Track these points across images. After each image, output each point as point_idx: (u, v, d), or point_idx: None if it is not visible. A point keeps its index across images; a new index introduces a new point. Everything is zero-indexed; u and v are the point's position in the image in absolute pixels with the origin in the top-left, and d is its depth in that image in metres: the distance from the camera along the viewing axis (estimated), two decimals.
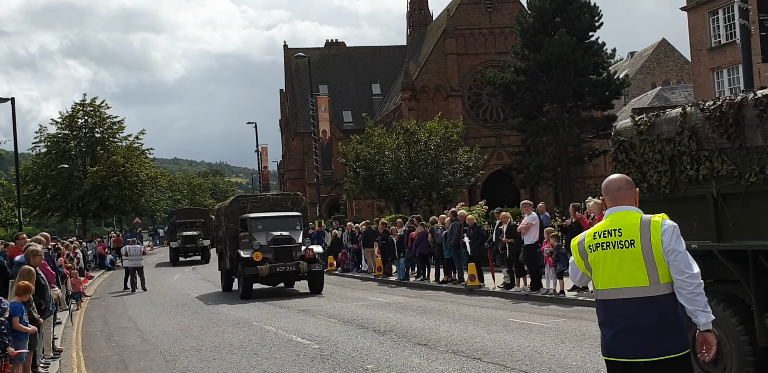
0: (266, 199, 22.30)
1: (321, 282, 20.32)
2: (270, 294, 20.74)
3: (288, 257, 19.67)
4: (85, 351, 12.63)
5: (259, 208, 21.49)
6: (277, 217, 20.87)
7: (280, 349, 11.28)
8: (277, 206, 21.78)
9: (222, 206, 23.72)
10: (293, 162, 73.03)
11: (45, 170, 53.03)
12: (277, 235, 19.81)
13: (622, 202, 4.27)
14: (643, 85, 57.08)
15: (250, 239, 19.94)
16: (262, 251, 19.43)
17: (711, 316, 4.09)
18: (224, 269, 22.60)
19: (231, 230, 21.31)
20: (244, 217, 20.94)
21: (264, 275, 19.21)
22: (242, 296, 19.49)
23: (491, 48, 57.35)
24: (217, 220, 24.26)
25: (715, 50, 32.59)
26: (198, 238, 38.96)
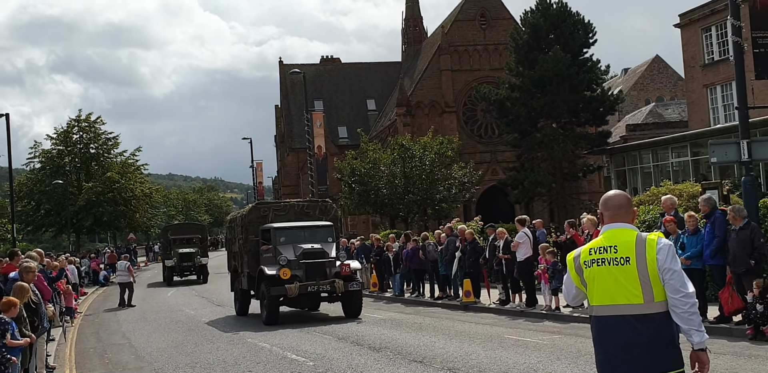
0: (291, 206, 19.16)
1: (359, 304, 17.53)
2: None
3: (321, 274, 17.00)
4: (79, 368, 12.55)
5: (283, 217, 18.59)
6: (306, 227, 18.12)
7: (275, 366, 11.22)
8: (303, 214, 18.93)
9: (238, 216, 20.51)
10: (288, 177, 73.03)
11: (39, 186, 52.84)
12: (307, 248, 17.09)
13: (620, 219, 4.28)
14: (637, 102, 57.33)
15: (275, 254, 17.23)
16: (291, 267, 16.71)
17: (705, 335, 4.09)
18: (239, 290, 19.72)
19: (250, 242, 18.37)
20: (266, 227, 18.10)
21: (293, 295, 16.52)
22: (267, 322, 16.68)
23: (486, 64, 57.60)
24: (231, 232, 21.15)
25: (709, 67, 32.80)
26: (195, 255, 35.37)
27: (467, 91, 56.56)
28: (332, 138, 64.53)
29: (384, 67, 76.00)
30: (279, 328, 16.24)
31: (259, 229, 18.28)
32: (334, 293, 17.11)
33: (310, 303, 18.30)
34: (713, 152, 13.72)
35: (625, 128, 44.40)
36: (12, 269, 11.62)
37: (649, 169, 33.69)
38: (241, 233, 19.19)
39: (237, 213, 21.55)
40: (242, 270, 19.17)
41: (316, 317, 18.53)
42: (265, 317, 16.93)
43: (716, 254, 11.51)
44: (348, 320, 17.01)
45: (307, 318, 18.18)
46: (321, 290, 16.95)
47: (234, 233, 20.53)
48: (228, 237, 21.99)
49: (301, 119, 58.03)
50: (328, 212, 19.41)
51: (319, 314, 19.20)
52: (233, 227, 20.70)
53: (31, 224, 54.00)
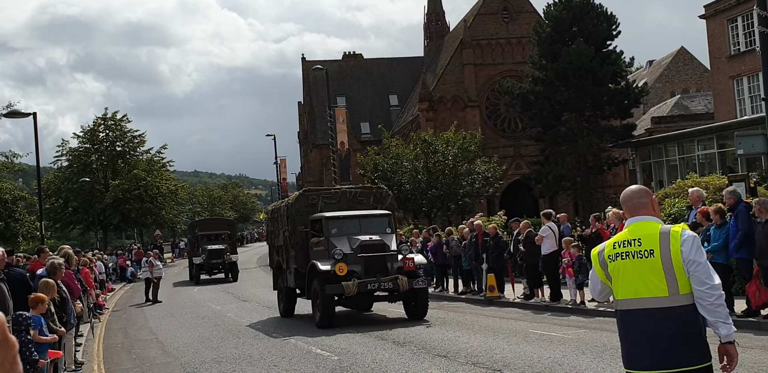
0: (342, 193, 17.26)
1: (425, 304, 15.50)
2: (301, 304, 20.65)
3: (382, 270, 15.14)
4: (107, 364, 12.70)
5: (333, 205, 16.78)
6: (362, 216, 16.32)
7: (300, 361, 11.27)
8: (356, 202, 16.99)
9: (282, 205, 18.35)
10: (312, 174, 73.23)
11: (67, 184, 53.51)
12: (365, 240, 15.27)
13: (639, 212, 4.25)
14: (662, 94, 56.79)
15: (328, 247, 15.48)
16: (347, 261, 14.98)
17: (732, 328, 4.04)
18: (284, 289, 17.89)
19: (298, 234, 16.52)
20: (316, 217, 16.32)
21: (351, 294, 14.71)
22: (321, 325, 14.88)
23: (509, 58, 57.32)
24: (274, 223, 19.09)
25: (735, 58, 32.39)
26: (225, 252, 33.15)
27: (490, 85, 56.32)
28: (355, 134, 64.59)
29: (406, 62, 75.87)
30: (303, 323, 16.30)
31: (308, 219, 16.46)
32: (396, 292, 15.21)
33: (366, 303, 16.52)
34: (740, 144, 13.58)
35: (650, 121, 44.01)
36: (39, 266, 11.78)
37: (675, 162, 33.38)
38: (287, 225, 17.22)
39: (281, 202, 19.23)
40: (288, 266, 17.43)
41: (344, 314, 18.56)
42: (318, 320, 15.06)
43: (741, 247, 11.37)
44: (373, 313, 17.00)
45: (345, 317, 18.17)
46: (382, 287, 15.07)
47: (277, 224, 18.51)
48: (270, 230, 19.86)
49: (323, 115, 58.12)
50: (384, 199, 17.39)
51: (373, 315, 17.46)
52: (276, 217, 18.69)
53: (59, 222, 54.71)
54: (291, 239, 16.95)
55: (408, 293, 15.16)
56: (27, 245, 39.64)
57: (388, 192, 17.97)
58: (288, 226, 17.15)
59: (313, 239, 16.06)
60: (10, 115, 28.60)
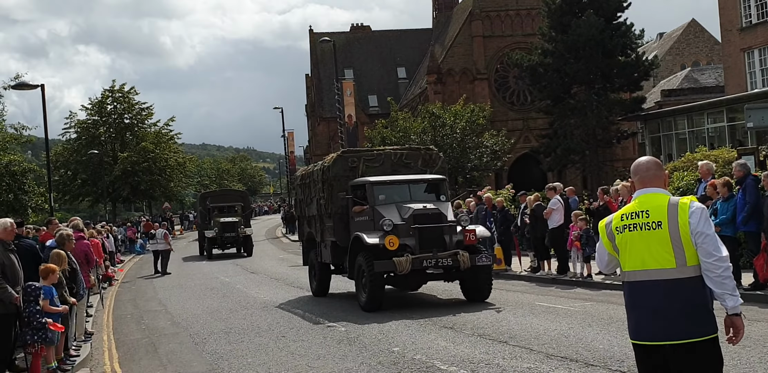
0: (386, 156, 15.09)
1: (489, 284, 13.44)
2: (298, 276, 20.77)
3: (439, 244, 13.01)
4: (116, 334, 12.83)
5: (377, 169, 14.74)
6: (412, 181, 14.25)
7: (307, 332, 11.37)
8: (402, 166, 15.01)
9: (316, 169, 15.95)
10: (319, 147, 73.11)
11: (75, 156, 53.68)
12: (418, 208, 13.18)
13: (650, 184, 4.23)
14: (673, 67, 56.30)
15: (374, 216, 13.50)
16: (398, 234, 12.92)
17: (739, 300, 4.04)
18: (317, 264, 15.94)
19: (337, 202, 14.41)
20: (359, 182, 14.27)
21: (403, 272, 12.63)
22: (368, 308, 12.95)
23: (518, 30, 56.78)
24: (304, 191, 16.88)
25: (746, 30, 32.00)
26: (239, 225, 31.40)
27: (499, 57, 55.90)
28: (362, 107, 64.36)
29: (415, 34, 75.26)
30: (311, 294, 16.39)
31: (348, 184, 14.46)
32: (455, 269, 13.03)
33: (417, 282, 14.20)
34: (749, 117, 13.48)
35: (660, 94, 43.67)
36: (49, 237, 11.86)
37: (684, 136, 33.19)
38: (323, 191, 15.08)
39: (313, 166, 16.68)
40: (323, 239, 15.45)
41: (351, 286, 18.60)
42: (365, 302, 13.02)
43: (749, 220, 11.33)
44: None
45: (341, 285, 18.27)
46: (440, 264, 12.87)
47: (309, 191, 16.37)
48: (299, 198, 17.63)
49: (331, 88, 57.89)
50: (434, 162, 15.34)
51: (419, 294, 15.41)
52: (308, 184, 16.48)
53: (68, 194, 54.96)
54: (327, 207, 14.82)
55: (469, 271, 13.01)
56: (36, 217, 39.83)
57: (439, 154, 15.72)
58: (324, 193, 15.01)
59: (354, 208, 14.01)
60: (18, 87, 28.57)
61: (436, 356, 8.93)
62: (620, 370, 7.51)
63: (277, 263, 26.98)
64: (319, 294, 15.96)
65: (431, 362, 8.57)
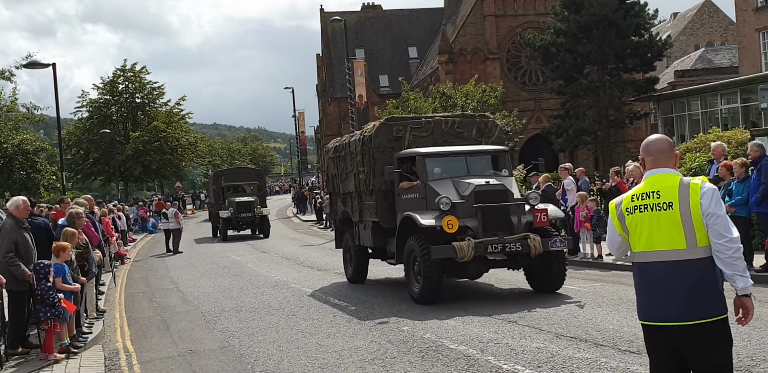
0: (436, 123, 13.22)
1: (562, 271, 11.64)
2: (320, 256, 20.85)
3: (506, 226, 11.21)
4: (128, 312, 12.94)
5: (425, 139, 12.96)
6: (469, 153, 12.48)
7: (318, 310, 11.43)
8: (454, 135, 13.18)
9: (353, 140, 14.11)
10: (330, 127, 73.01)
11: (87, 135, 53.91)
12: (480, 184, 11.44)
13: (663, 164, 4.19)
14: (686, 47, 55.77)
15: (426, 194, 11.79)
16: (457, 214, 11.11)
17: (749, 281, 4.03)
18: (354, 247, 14.34)
19: (381, 176, 12.73)
20: (408, 153, 12.52)
21: (466, 258, 10.82)
22: (423, 300, 11.25)
23: (530, 9, 56.26)
24: (338, 165, 15.05)
25: (761, 10, 31.62)
26: (255, 205, 29.96)
27: (511, 37, 55.47)
28: (373, 87, 64.15)
29: (426, 13, 74.75)
30: (321, 273, 16.47)
31: (394, 157, 12.75)
32: (524, 256, 11.22)
33: (478, 270, 12.00)
34: (764, 98, 13.37)
35: (673, 74, 43.32)
36: (61, 216, 11.93)
37: (698, 116, 32.97)
38: (362, 165, 13.33)
39: (349, 137, 14.91)
40: (361, 218, 13.75)
41: None
42: (419, 292, 11.30)
43: (762, 201, 11.27)
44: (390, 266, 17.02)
45: None
46: (508, 250, 10.97)
47: (344, 165, 14.55)
48: (332, 173, 15.80)
49: (342, 68, 57.66)
50: (490, 131, 13.46)
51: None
52: (343, 157, 14.68)
53: (80, 173, 55.26)
54: (368, 183, 13.07)
55: (540, 257, 11.20)
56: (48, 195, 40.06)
57: (495, 122, 13.83)
58: (363, 166, 13.27)
59: (402, 184, 12.34)
60: (30, 66, 28.67)
61: (445, 335, 8.97)
62: (629, 350, 7.52)
63: (289, 243, 27.09)
64: (355, 281, 14.29)
65: (440, 341, 8.62)
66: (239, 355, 8.73)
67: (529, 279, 12.12)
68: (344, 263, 15.13)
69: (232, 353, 8.91)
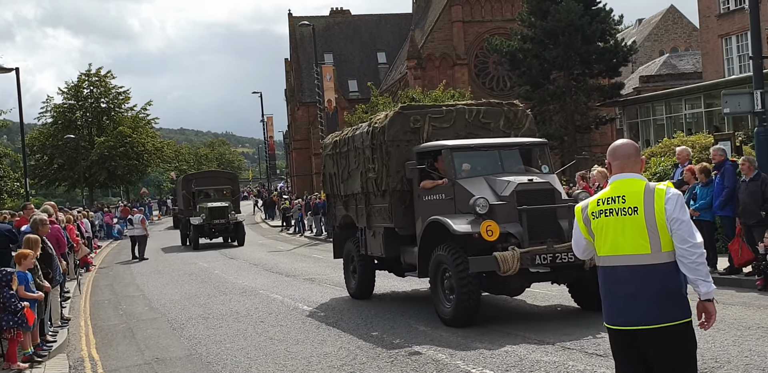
0: (458, 113, 11.38)
1: None
2: (288, 261, 20.79)
3: (554, 232, 9.38)
4: (93, 319, 12.77)
5: (447, 131, 11.13)
6: (503, 146, 10.81)
7: (286, 316, 11.37)
8: (479, 127, 11.40)
9: (359, 133, 12.14)
10: (299, 132, 72.81)
11: (51, 140, 53.14)
12: (523, 182, 9.67)
13: (629, 169, 4.24)
14: (651, 53, 56.50)
15: (455, 194, 10.00)
16: (497, 218, 9.31)
17: (712, 286, 4.08)
18: (359, 258, 12.61)
19: (398, 173, 10.87)
20: (431, 147, 10.78)
21: (510, 272, 9.05)
22: (456, 321, 9.46)
23: (498, 15, 56.72)
24: (339, 162, 13.05)
25: (724, 17, 32.16)
26: (229, 210, 28.37)
27: (479, 43, 55.85)
28: (342, 92, 64.11)
29: (395, 19, 75.02)
30: (290, 279, 16.39)
31: (413, 151, 10.90)
32: (568, 268, 9.48)
33: (521, 285, 10.09)
34: (726, 103, 13.56)
35: (638, 80, 43.86)
36: (24, 223, 11.74)
37: (662, 121, 33.39)
38: (372, 161, 11.50)
39: (353, 130, 12.80)
40: (370, 224, 11.91)
41: (331, 271, 18.56)
42: (451, 312, 9.51)
43: (725, 205, 11.46)
44: None
45: (321, 270, 18.27)
46: (559, 261, 9.15)
47: (346, 163, 12.70)
48: (330, 172, 13.64)
49: (310, 73, 57.58)
50: (520, 122, 11.74)
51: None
52: (345, 153, 12.78)
53: (44, 179, 54.44)
54: (380, 182, 11.29)
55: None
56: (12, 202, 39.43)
57: (525, 111, 12.12)
58: (374, 163, 11.43)
59: (424, 183, 10.51)
60: None
61: (414, 340, 8.97)
62: (596, 353, 7.58)
63: (257, 249, 26.94)
64: (360, 296, 12.63)
65: (409, 346, 8.61)
66: (206, 363, 8.65)
67: (575, 295, 10.28)
68: (345, 276, 13.31)
69: (199, 360, 8.83)
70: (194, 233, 28.04)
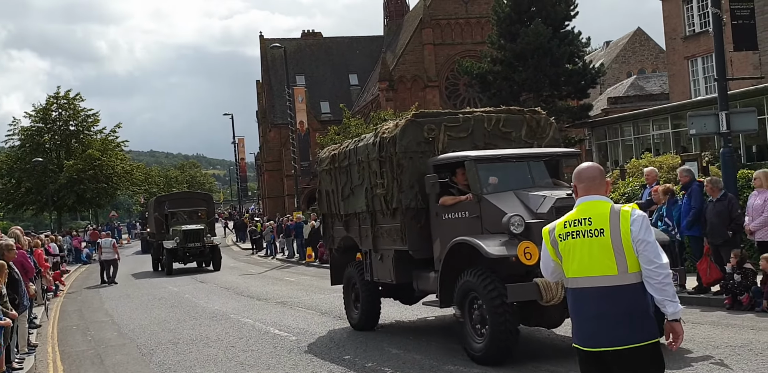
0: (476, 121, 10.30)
1: None
2: (260, 285, 20.64)
3: None
4: (61, 346, 12.55)
5: (464, 141, 10.08)
6: (533, 156, 9.75)
7: (257, 341, 11.26)
8: (499, 136, 10.33)
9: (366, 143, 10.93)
10: (271, 153, 72.72)
11: (19, 164, 52.48)
12: (562, 198, 8.36)
13: (594, 191, 4.29)
14: (619, 75, 57.36)
15: (482, 211, 8.91)
16: (534, 238, 8.03)
17: (679, 306, 4.12)
18: (362, 284, 11.42)
19: (410, 188, 9.84)
20: (449, 159, 9.74)
21: (554, 302, 8.08)
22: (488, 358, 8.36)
23: (468, 38, 57.39)
24: (339, 177, 11.89)
25: (690, 39, 32.80)
26: (204, 233, 27.26)
27: (450, 65, 56.42)
28: (314, 113, 64.23)
29: (366, 41, 75.55)
30: (261, 303, 16.26)
31: (429, 163, 9.89)
32: None
33: (561, 315, 8.73)
34: (692, 124, 13.77)
35: (606, 101, 44.47)
36: None
37: (631, 142, 33.83)
38: (380, 176, 10.42)
39: (355, 143, 11.56)
40: (376, 246, 10.77)
41: (304, 294, 18.46)
42: (484, 348, 8.35)
43: (693, 225, 11.60)
44: (332, 293, 16.85)
45: (293, 294, 18.16)
46: None
47: (348, 178, 11.56)
48: (327, 189, 12.41)
49: (282, 94, 57.70)
50: (543, 131, 10.71)
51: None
52: (345, 168, 11.64)
53: (12, 202, 53.68)
54: (391, 199, 10.17)
55: None
56: None
57: (549, 119, 11.03)
58: (383, 178, 10.32)
59: (443, 199, 9.44)
60: None
61: (387, 363, 8.92)
62: None
63: (228, 272, 26.70)
64: (363, 327, 11.48)
65: (382, 369, 8.56)
66: None
67: None
68: (346, 304, 12.10)
69: None
70: (168, 258, 26.85)
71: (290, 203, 53.21)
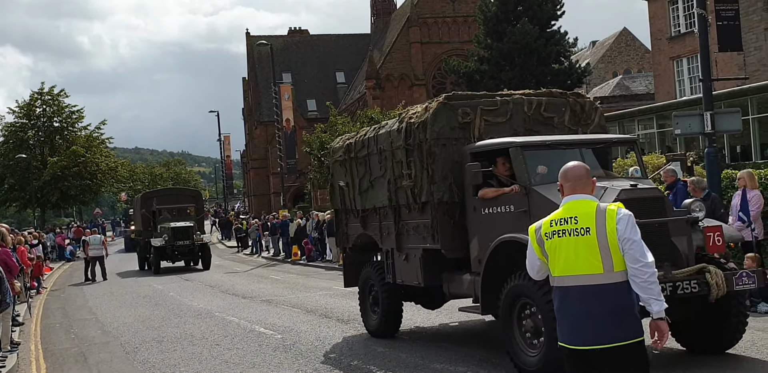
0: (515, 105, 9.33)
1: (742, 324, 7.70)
2: (245, 283, 20.58)
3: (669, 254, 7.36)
4: (44, 344, 12.47)
5: (503, 127, 9.08)
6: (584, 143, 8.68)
7: (243, 339, 11.23)
8: (540, 122, 9.30)
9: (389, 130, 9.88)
10: (257, 151, 72.57)
11: (2, 160, 52.16)
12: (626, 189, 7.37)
13: (580, 190, 4.30)
14: (605, 74, 57.61)
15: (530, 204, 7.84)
16: None
17: (664, 304, 4.14)
18: (382, 287, 10.38)
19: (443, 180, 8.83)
20: (490, 146, 8.63)
21: None
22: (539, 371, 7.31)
23: (455, 37, 57.47)
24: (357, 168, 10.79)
25: (675, 39, 32.99)
26: (193, 231, 26.61)
27: (437, 63, 56.48)
28: (301, 111, 64.13)
29: (353, 39, 75.48)
30: (247, 301, 16.23)
31: (466, 151, 8.81)
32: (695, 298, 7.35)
33: None
34: (677, 124, 13.85)
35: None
36: None
37: None
38: (407, 166, 9.38)
39: (376, 129, 10.52)
40: (400, 245, 9.77)
41: (289, 292, 18.46)
42: (536, 362, 7.25)
43: None
44: (318, 291, 16.94)
45: (279, 292, 18.14)
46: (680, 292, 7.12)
47: (365, 170, 10.52)
48: (342, 182, 11.33)
49: (269, 92, 57.54)
50: (588, 117, 9.62)
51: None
52: (363, 158, 10.57)
53: None
54: (420, 192, 9.16)
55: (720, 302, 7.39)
56: None
57: (594, 104, 9.91)
58: (411, 168, 9.29)
59: (483, 191, 8.40)
60: None
61: (372, 361, 8.92)
62: None
63: (213, 270, 26.59)
64: (382, 333, 10.45)
65: (368, 368, 8.56)
66: None
67: (682, 333, 7.90)
68: (363, 309, 11.00)
69: None
70: (155, 256, 26.16)
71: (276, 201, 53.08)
